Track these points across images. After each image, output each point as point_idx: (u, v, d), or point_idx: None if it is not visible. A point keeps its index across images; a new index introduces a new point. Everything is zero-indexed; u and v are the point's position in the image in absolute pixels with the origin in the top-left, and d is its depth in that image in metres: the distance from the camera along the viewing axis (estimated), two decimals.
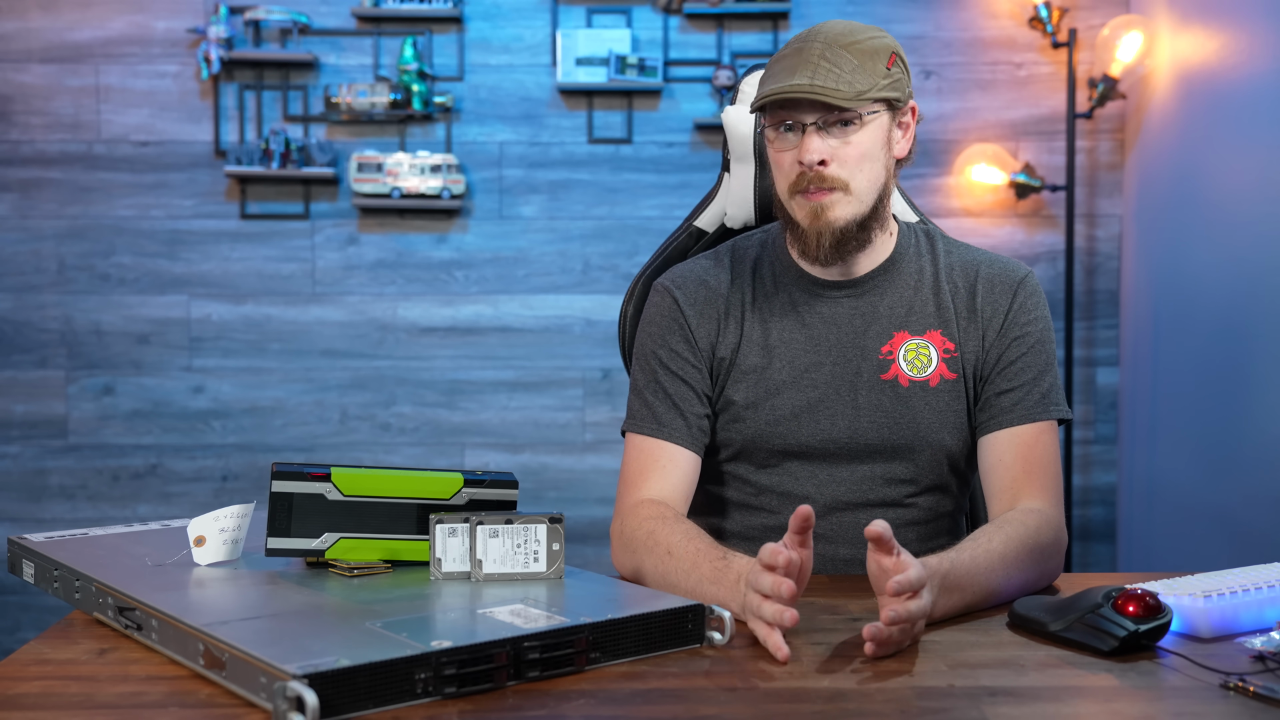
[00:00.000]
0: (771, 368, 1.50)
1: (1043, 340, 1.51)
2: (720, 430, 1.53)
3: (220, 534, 1.31)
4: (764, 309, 1.53)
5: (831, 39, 1.41)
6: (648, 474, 1.48)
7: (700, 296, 1.54)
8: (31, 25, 3.56)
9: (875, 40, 1.43)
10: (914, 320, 1.51)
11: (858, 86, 1.39)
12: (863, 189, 1.44)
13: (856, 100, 1.39)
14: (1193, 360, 3.05)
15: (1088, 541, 3.63)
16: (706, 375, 1.53)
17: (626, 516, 1.45)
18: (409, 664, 0.97)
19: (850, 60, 1.40)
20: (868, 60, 1.41)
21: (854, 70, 1.39)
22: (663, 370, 1.52)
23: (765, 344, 1.51)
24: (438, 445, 3.63)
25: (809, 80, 1.38)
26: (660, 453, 1.49)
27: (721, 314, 1.53)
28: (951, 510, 1.56)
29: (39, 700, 1.01)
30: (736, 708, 1.00)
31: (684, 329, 1.53)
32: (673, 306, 1.54)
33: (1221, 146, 2.92)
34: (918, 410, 1.48)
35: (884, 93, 1.41)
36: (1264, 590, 1.20)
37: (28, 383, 3.62)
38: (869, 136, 1.42)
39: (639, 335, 1.58)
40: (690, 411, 1.51)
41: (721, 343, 1.53)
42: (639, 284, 1.75)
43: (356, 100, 3.51)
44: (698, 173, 3.58)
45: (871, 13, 3.52)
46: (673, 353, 1.53)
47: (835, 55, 1.40)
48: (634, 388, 1.55)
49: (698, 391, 1.52)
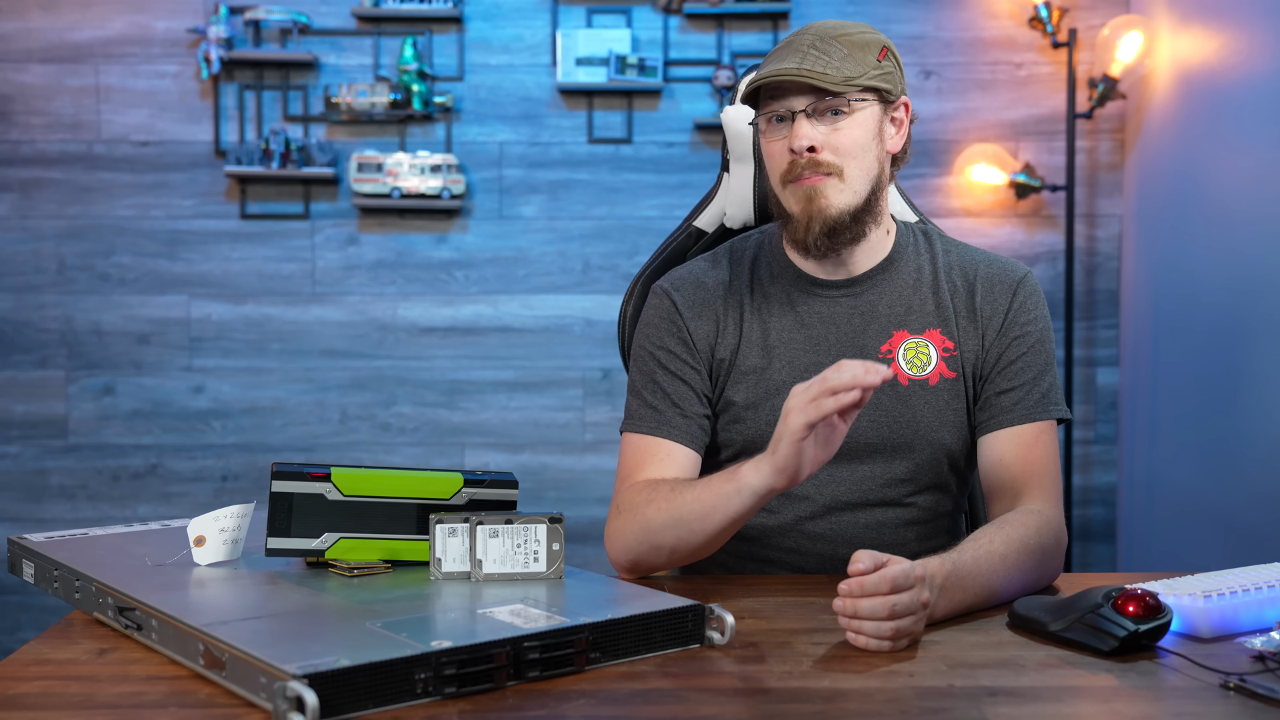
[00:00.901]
0: (771, 368, 1.50)
1: (1042, 340, 1.51)
2: (721, 431, 1.53)
3: (220, 534, 1.31)
4: (763, 309, 1.53)
5: (822, 31, 1.44)
6: (643, 467, 1.48)
7: (698, 298, 1.54)
8: (31, 25, 3.56)
9: (866, 35, 1.45)
10: (913, 319, 1.51)
11: (846, 73, 1.40)
12: (855, 177, 1.44)
13: (845, 85, 1.39)
14: (1192, 360, 3.05)
15: (1088, 541, 3.63)
16: (705, 376, 1.52)
17: (620, 496, 1.45)
18: (409, 664, 0.97)
19: (840, 49, 1.42)
20: (858, 51, 1.42)
21: (843, 59, 1.41)
22: (661, 370, 1.52)
23: (765, 344, 1.51)
24: (438, 445, 3.63)
25: (797, 65, 1.39)
26: (658, 448, 1.49)
27: (719, 315, 1.53)
28: (951, 510, 1.56)
29: (39, 700, 1.01)
30: (736, 708, 1.00)
31: (681, 330, 1.53)
32: (670, 309, 1.54)
33: (1221, 146, 2.92)
34: (917, 409, 1.48)
35: (874, 81, 1.42)
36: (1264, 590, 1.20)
37: (28, 383, 3.62)
38: (859, 125, 1.43)
39: (637, 337, 1.58)
40: (689, 410, 1.50)
41: (720, 344, 1.53)
42: (639, 284, 1.75)
43: (356, 100, 3.51)
44: (698, 173, 3.58)
45: (871, 13, 3.52)
46: (670, 354, 1.52)
47: (825, 45, 1.42)
48: (631, 389, 1.55)
49: (696, 391, 1.51)
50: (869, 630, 1.13)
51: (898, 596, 1.13)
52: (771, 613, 1.27)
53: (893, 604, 1.12)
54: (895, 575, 1.13)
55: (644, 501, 1.40)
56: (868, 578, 1.13)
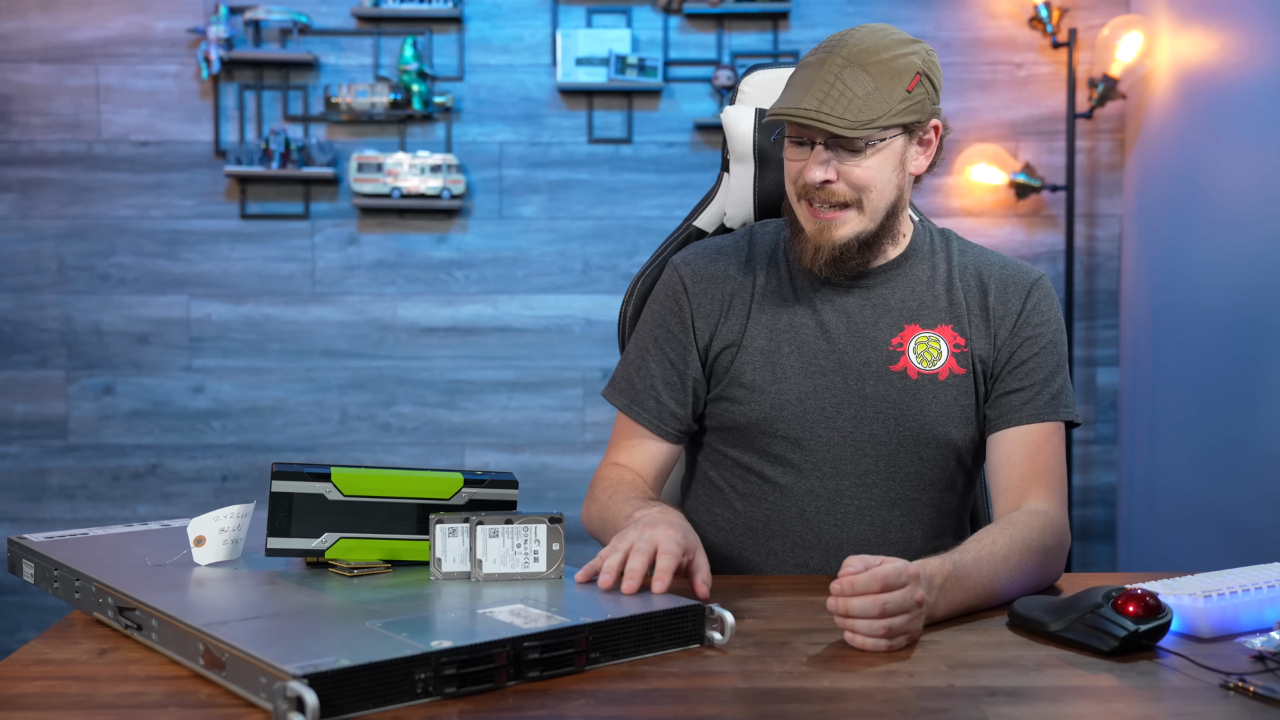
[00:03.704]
0: (779, 352, 1.51)
1: (1054, 342, 1.51)
2: (724, 412, 1.53)
3: (220, 534, 1.31)
4: (775, 295, 1.53)
5: (855, 55, 1.40)
6: (618, 446, 1.60)
7: (707, 276, 1.56)
8: (31, 25, 3.56)
9: (903, 59, 1.41)
10: (925, 314, 1.51)
11: (866, 114, 1.38)
12: (872, 208, 1.45)
13: (864, 130, 1.38)
14: (1193, 360, 3.05)
15: (1088, 541, 3.63)
16: (698, 362, 1.55)
17: (596, 475, 1.59)
18: (409, 664, 0.97)
19: (867, 83, 1.39)
20: (887, 82, 1.39)
21: (868, 95, 1.38)
22: (654, 349, 1.56)
23: (774, 328, 1.52)
24: (438, 445, 3.63)
25: (816, 106, 1.38)
26: (631, 431, 1.58)
27: (727, 297, 1.54)
28: (956, 508, 1.56)
29: (39, 700, 1.01)
30: (736, 708, 1.00)
31: (684, 310, 1.55)
32: (679, 289, 1.57)
33: (1221, 146, 2.92)
34: (925, 403, 1.48)
35: (898, 119, 1.41)
36: (1264, 590, 1.20)
37: (28, 383, 3.62)
38: (880, 160, 1.43)
39: (647, 305, 1.62)
40: (665, 399, 1.55)
41: (724, 326, 1.54)
42: (639, 284, 1.75)
43: (356, 100, 3.51)
44: (698, 173, 3.58)
45: (872, 13, 3.52)
46: (669, 334, 1.56)
47: (852, 76, 1.39)
48: (625, 357, 1.61)
49: (683, 378, 1.54)
50: (862, 629, 1.13)
51: (889, 595, 1.13)
52: (771, 613, 1.27)
53: (884, 602, 1.12)
54: (886, 574, 1.13)
55: (597, 494, 1.54)
56: (859, 577, 1.13)
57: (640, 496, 1.48)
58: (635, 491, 1.49)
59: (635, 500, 1.45)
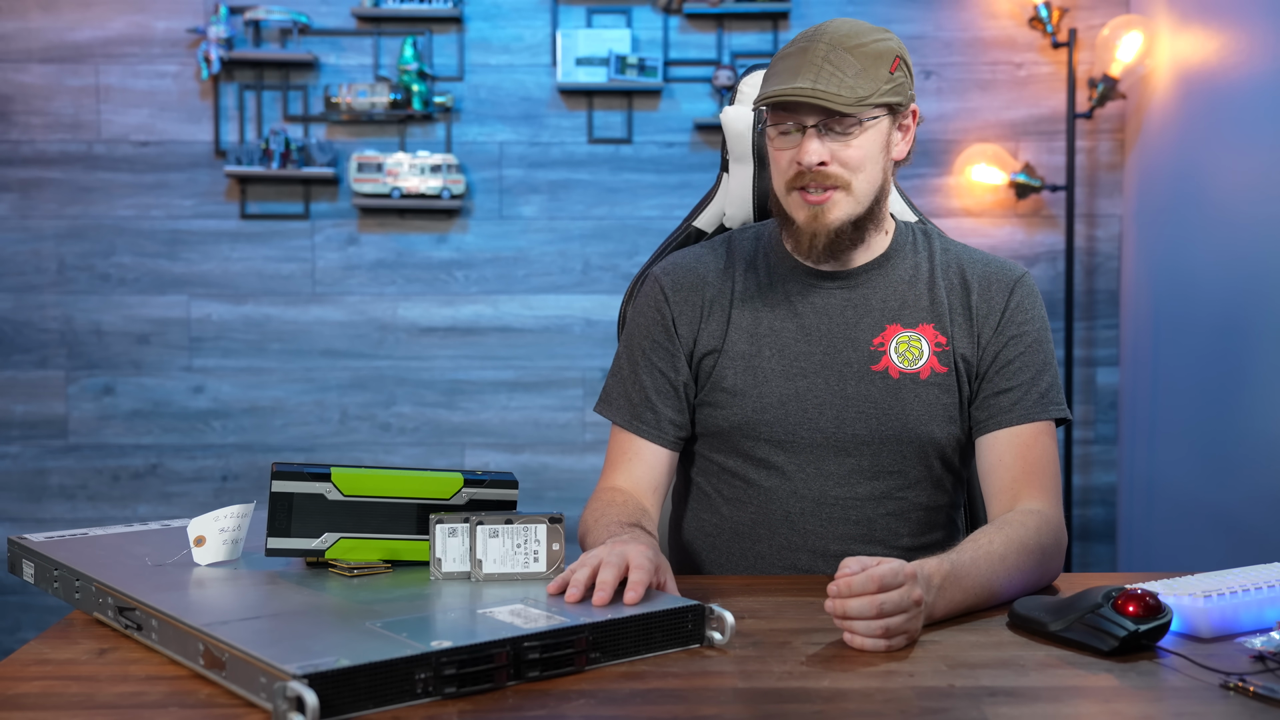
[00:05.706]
0: (760, 355, 1.51)
1: (1040, 340, 1.51)
2: (707, 418, 1.54)
3: (220, 534, 1.31)
4: (756, 299, 1.54)
5: (836, 40, 1.42)
6: (617, 464, 1.56)
7: (687, 283, 1.56)
8: (31, 25, 3.56)
9: (880, 43, 1.43)
10: (907, 313, 1.51)
11: (859, 92, 1.40)
12: (862, 190, 1.46)
13: (858, 106, 1.40)
14: (1192, 360, 3.05)
15: (1088, 541, 3.63)
16: (686, 366, 1.55)
17: (595, 495, 1.55)
18: (409, 664, 0.97)
19: (853, 64, 1.41)
20: (870, 64, 1.41)
21: (856, 75, 1.40)
22: (644, 361, 1.56)
23: (755, 332, 1.52)
24: (438, 445, 3.63)
25: (811, 84, 1.39)
26: (629, 445, 1.55)
27: (707, 303, 1.55)
28: (945, 505, 1.56)
29: (39, 700, 1.01)
30: (736, 708, 1.00)
31: (667, 319, 1.55)
32: (659, 298, 1.57)
33: (1221, 146, 2.92)
34: (907, 402, 1.48)
35: (885, 98, 1.43)
36: (1264, 590, 1.20)
37: (28, 383, 3.62)
38: (869, 140, 1.44)
39: (629, 320, 1.62)
40: (661, 407, 1.54)
41: (705, 331, 1.54)
42: (638, 284, 1.75)
43: (356, 100, 3.51)
44: (697, 173, 3.58)
45: (871, 13, 3.52)
46: (655, 344, 1.56)
47: (839, 58, 1.40)
48: (615, 370, 1.59)
49: (674, 385, 1.54)
50: (860, 630, 1.14)
51: (886, 595, 1.13)
52: (771, 613, 1.27)
53: (880, 602, 1.13)
54: (883, 574, 1.13)
55: (586, 517, 1.51)
56: (855, 577, 1.13)
57: (626, 523, 1.43)
58: (623, 515, 1.45)
59: (615, 525, 1.41)
